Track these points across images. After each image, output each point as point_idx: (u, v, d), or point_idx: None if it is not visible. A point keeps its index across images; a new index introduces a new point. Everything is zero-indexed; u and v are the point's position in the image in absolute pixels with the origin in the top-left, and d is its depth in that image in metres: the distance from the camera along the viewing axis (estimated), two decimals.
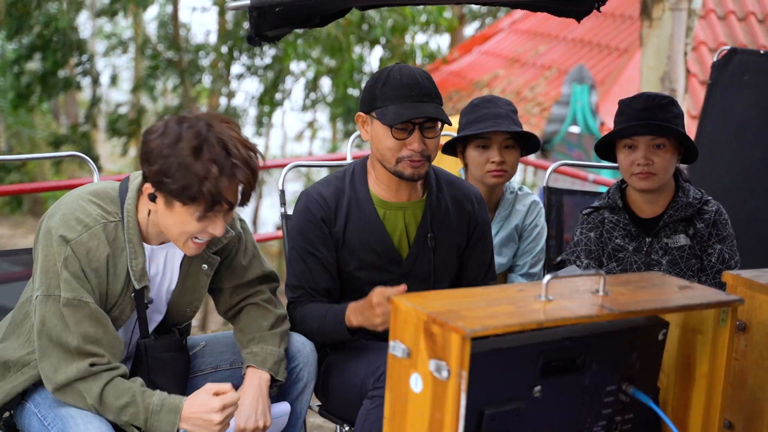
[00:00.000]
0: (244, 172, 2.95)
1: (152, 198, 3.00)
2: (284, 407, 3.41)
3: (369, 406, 3.30)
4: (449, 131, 4.78)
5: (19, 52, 15.21)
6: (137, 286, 3.12)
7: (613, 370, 2.43)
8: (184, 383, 3.39)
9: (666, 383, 2.65)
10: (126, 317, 3.19)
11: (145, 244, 3.16)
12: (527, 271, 4.27)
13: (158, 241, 3.19)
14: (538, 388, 2.28)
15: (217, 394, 2.99)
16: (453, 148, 4.25)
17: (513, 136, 4.11)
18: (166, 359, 3.32)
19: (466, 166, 4.23)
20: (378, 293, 3.20)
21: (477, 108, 4.14)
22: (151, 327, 3.33)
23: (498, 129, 4.04)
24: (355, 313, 3.34)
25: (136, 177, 3.12)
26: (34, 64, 16.35)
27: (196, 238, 3.06)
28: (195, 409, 2.98)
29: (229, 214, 3.08)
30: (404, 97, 3.36)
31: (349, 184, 3.58)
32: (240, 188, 2.99)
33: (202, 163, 2.88)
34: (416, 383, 2.16)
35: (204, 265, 3.30)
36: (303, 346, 3.46)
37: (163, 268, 3.25)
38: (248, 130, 20.34)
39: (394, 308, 2.21)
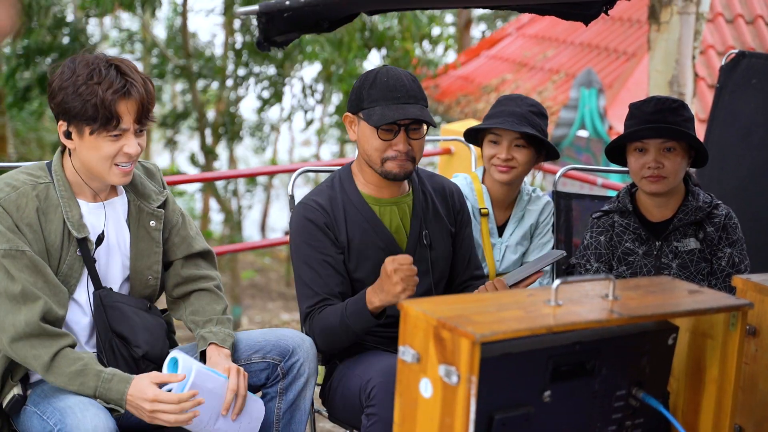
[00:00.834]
0: (137, 89, 3.16)
1: (68, 135, 3.19)
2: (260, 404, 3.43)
3: (366, 424, 3.32)
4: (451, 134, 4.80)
5: (25, 53, 15.21)
6: (77, 235, 3.22)
7: (623, 375, 2.43)
8: (153, 337, 3.41)
9: (676, 388, 2.65)
10: (77, 273, 3.27)
11: (81, 201, 3.29)
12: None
13: (92, 196, 3.31)
14: (548, 392, 2.28)
15: (159, 383, 3.11)
16: (476, 138, 4.30)
17: (526, 137, 4.13)
18: (125, 310, 3.36)
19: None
20: (389, 261, 3.25)
21: (499, 104, 4.23)
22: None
23: (503, 126, 4.07)
24: (374, 293, 3.35)
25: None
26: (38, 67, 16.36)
27: (117, 164, 3.21)
28: (133, 392, 3.09)
29: (141, 136, 3.24)
30: (390, 99, 3.45)
31: (339, 190, 3.64)
32: (137, 105, 3.17)
33: (93, 85, 3.10)
34: (426, 388, 2.16)
35: (152, 222, 3.43)
36: (302, 341, 3.49)
37: (109, 228, 3.35)
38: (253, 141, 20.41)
39: (404, 314, 2.21)
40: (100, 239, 3.30)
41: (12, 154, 17.98)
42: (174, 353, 3.25)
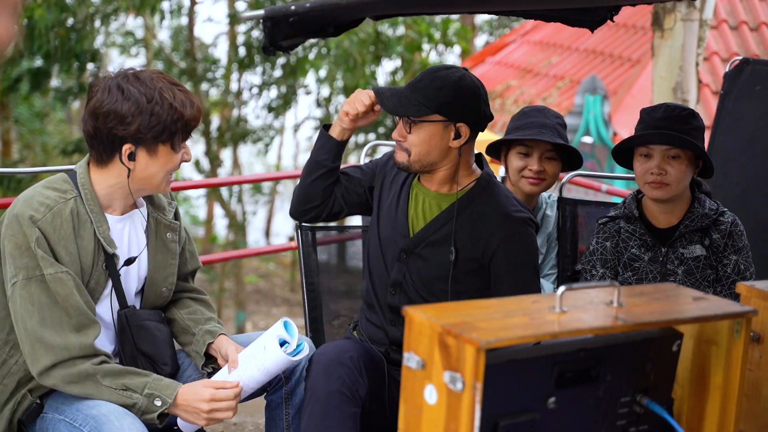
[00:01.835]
0: (192, 99, 3.31)
1: (131, 157, 3.23)
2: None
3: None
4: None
5: (32, 65, 15.24)
6: (109, 251, 3.25)
7: (627, 382, 2.43)
8: (173, 352, 3.48)
9: (680, 394, 2.64)
10: (101, 288, 3.29)
11: (107, 215, 3.31)
12: (547, 272, 4.34)
13: (120, 210, 3.34)
14: (552, 399, 2.27)
15: (215, 387, 3.20)
16: (497, 151, 4.30)
17: (555, 148, 4.16)
18: (150, 327, 3.41)
19: (506, 170, 4.29)
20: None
21: (525, 116, 4.24)
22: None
23: (540, 138, 4.09)
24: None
25: (79, 162, 3.36)
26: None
27: (169, 175, 3.35)
28: (186, 396, 3.15)
29: None
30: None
31: None
32: (194, 111, 3.31)
33: (167, 106, 3.21)
34: (431, 395, 2.16)
35: (168, 233, 3.48)
36: (302, 341, 3.52)
37: (128, 243, 3.37)
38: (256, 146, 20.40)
39: (409, 320, 2.21)
40: (131, 261, 3.34)
41: (17, 159, 17.99)
42: (286, 319, 3.39)
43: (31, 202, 3.14)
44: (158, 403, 3.12)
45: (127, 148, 3.21)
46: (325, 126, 3.78)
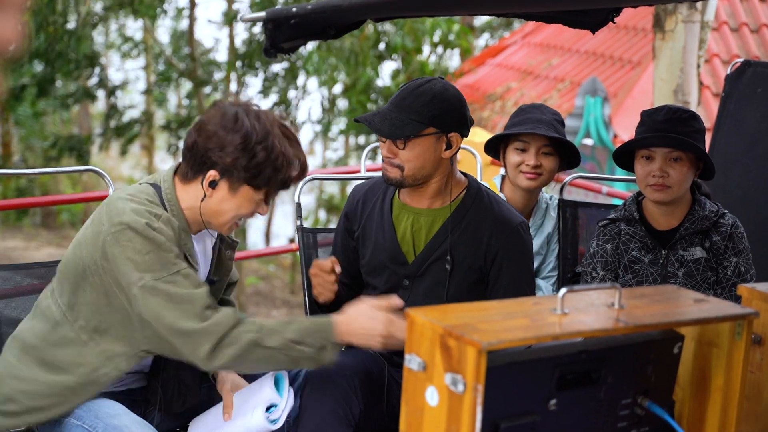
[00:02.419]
0: (302, 155, 3.26)
1: (213, 185, 3.18)
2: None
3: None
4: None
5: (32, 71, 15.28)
6: (196, 267, 3.26)
7: (628, 384, 2.43)
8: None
9: (681, 396, 2.65)
10: None
11: None
12: (548, 273, 4.35)
13: (195, 229, 3.31)
14: (553, 401, 2.28)
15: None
16: (496, 150, 4.31)
17: (552, 144, 4.18)
18: None
19: (505, 167, 4.30)
20: (314, 263, 3.49)
21: (522, 112, 4.28)
22: None
23: (535, 132, 4.11)
24: None
25: (163, 173, 3.30)
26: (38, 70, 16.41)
27: (239, 219, 3.28)
28: (356, 325, 3.17)
29: None
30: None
31: (384, 188, 3.72)
32: (298, 170, 3.26)
33: (275, 156, 3.14)
34: (432, 396, 2.16)
35: (228, 251, 3.50)
36: None
37: (205, 259, 3.41)
38: None
39: (410, 322, 2.22)
40: (212, 282, 3.36)
41: (18, 161, 18.00)
42: (278, 373, 3.36)
43: (141, 213, 3.10)
44: (327, 348, 3.12)
45: (212, 175, 3.16)
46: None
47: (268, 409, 3.27)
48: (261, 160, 3.12)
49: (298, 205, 4.23)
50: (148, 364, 3.37)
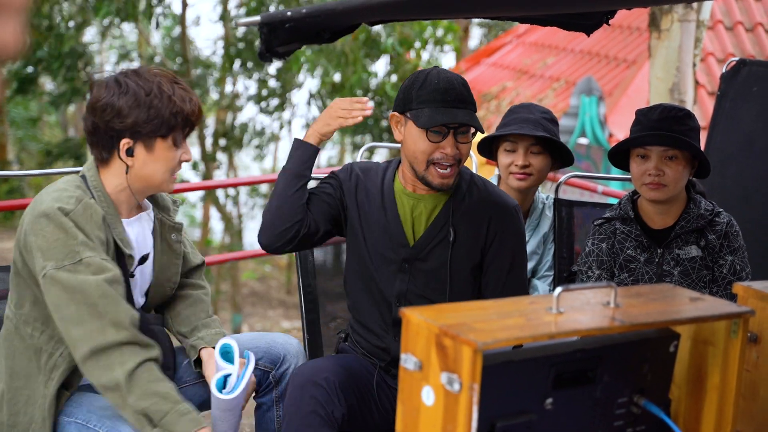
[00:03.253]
0: (192, 95, 3.31)
1: (130, 152, 3.21)
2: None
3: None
4: None
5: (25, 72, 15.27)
6: (126, 251, 3.23)
7: (624, 382, 2.43)
8: (173, 359, 3.46)
9: (677, 395, 2.65)
10: None
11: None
12: (544, 273, 4.36)
13: (126, 212, 3.31)
14: (549, 400, 2.28)
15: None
16: (489, 150, 4.32)
17: (541, 143, 4.17)
18: (157, 332, 3.39)
19: (499, 169, 4.31)
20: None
21: (511, 113, 4.29)
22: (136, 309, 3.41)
23: (520, 132, 4.11)
24: (313, 126, 3.57)
25: (86, 164, 3.33)
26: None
27: (173, 172, 3.32)
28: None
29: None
30: (440, 102, 3.42)
31: (382, 170, 3.67)
32: (193, 107, 3.30)
33: (166, 99, 3.21)
34: (428, 396, 2.17)
35: (173, 235, 3.47)
36: (291, 345, 3.57)
37: (140, 243, 3.36)
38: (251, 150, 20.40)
39: (406, 321, 2.22)
40: (144, 258, 3.33)
41: (13, 162, 17.98)
42: (226, 340, 3.35)
43: (59, 198, 3.12)
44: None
45: (125, 143, 3.18)
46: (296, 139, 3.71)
47: (226, 378, 3.28)
48: (157, 106, 3.18)
49: None
50: None
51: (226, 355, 3.32)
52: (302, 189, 3.53)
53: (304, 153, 3.54)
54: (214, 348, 3.40)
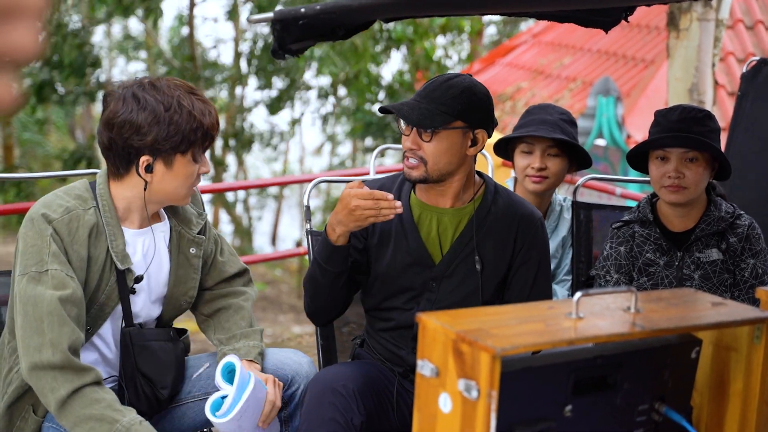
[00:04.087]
0: (211, 107, 3.28)
1: (149, 169, 3.20)
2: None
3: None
4: None
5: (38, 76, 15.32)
6: (120, 267, 3.21)
7: (645, 389, 2.43)
8: (177, 375, 3.44)
9: (699, 402, 2.65)
10: (113, 303, 3.26)
11: (124, 228, 3.28)
12: (562, 277, 4.34)
13: (138, 223, 3.31)
14: (569, 407, 2.28)
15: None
16: (505, 151, 4.31)
17: (559, 145, 4.15)
18: (155, 348, 3.36)
19: (515, 171, 4.30)
20: (348, 187, 3.34)
21: (528, 113, 4.27)
22: (148, 320, 3.41)
23: (537, 134, 4.09)
24: (330, 221, 3.45)
25: (98, 172, 3.35)
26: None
27: (192, 187, 3.33)
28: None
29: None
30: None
31: (398, 183, 3.66)
32: (213, 120, 3.28)
33: (186, 114, 3.18)
34: (445, 403, 2.16)
35: (192, 249, 3.45)
36: (300, 365, 3.53)
37: (151, 255, 3.35)
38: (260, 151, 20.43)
39: (422, 327, 2.22)
40: (139, 279, 3.30)
41: (20, 166, 18.04)
42: (230, 358, 3.30)
43: (50, 204, 3.13)
44: None
45: (144, 160, 3.18)
46: (314, 232, 3.77)
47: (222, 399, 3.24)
48: (177, 122, 3.16)
49: (307, 207, 4.22)
50: (116, 363, 3.37)
51: (232, 373, 3.31)
52: (343, 281, 3.53)
53: (331, 253, 3.45)
54: (252, 360, 3.41)
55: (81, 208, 3.16)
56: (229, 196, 20.14)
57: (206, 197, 20.71)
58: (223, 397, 3.24)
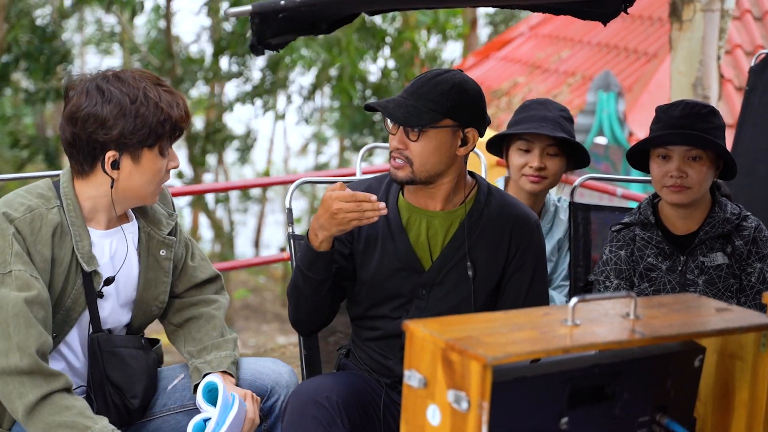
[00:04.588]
0: (179, 99, 3.29)
1: (115, 165, 3.19)
2: None
3: None
4: None
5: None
6: (87, 269, 3.21)
7: (645, 400, 2.43)
8: (148, 384, 3.43)
9: (703, 413, 2.65)
10: (80, 308, 3.26)
11: (90, 229, 3.27)
12: (559, 283, 4.33)
13: (104, 224, 3.31)
14: (565, 419, 2.28)
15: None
16: (498, 148, 4.30)
17: (557, 143, 4.15)
18: (124, 355, 3.36)
19: (508, 168, 4.28)
20: (329, 189, 3.34)
21: (526, 109, 4.23)
22: (117, 326, 3.40)
23: (539, 132, 4.08)
24: (312, 225, 3.44)
25: (62, 170, 3.33)
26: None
27: (158, 186, 3.32)
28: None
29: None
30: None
31: (385, 185, 3.64)
32: (181, 112, 3.29)
33: (153, 106, 3.19)
34: (434, 415, 2.16)
35: (162, 251, 3.44)
36: (280, 375, 3.53)
37: (120, 257, 3.34)
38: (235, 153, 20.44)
39: (410, 335, 2.22)
40: (109, 281, 3.30)
41: None
42: (212, 378, 3.31)
43: (11, 203, 3.13)
44: None
45: (110, 156, 3.18)
46: (297, 236, 3.78)
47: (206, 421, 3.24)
48: (144, 114, 3.16)
49: (289, 210, 4.21)
50: (84, 373, 3.36)
51: (213, 392, 3.30)
52: (329, 288, 3.54)
53: (314, 260, 3.47)
54: (225, 372, 3.39)
55: (44, 207, 3.16)
56: (209, 199, 20.11)
57: (184, 200, 20.69)
58: (206, 420, 3.24)
